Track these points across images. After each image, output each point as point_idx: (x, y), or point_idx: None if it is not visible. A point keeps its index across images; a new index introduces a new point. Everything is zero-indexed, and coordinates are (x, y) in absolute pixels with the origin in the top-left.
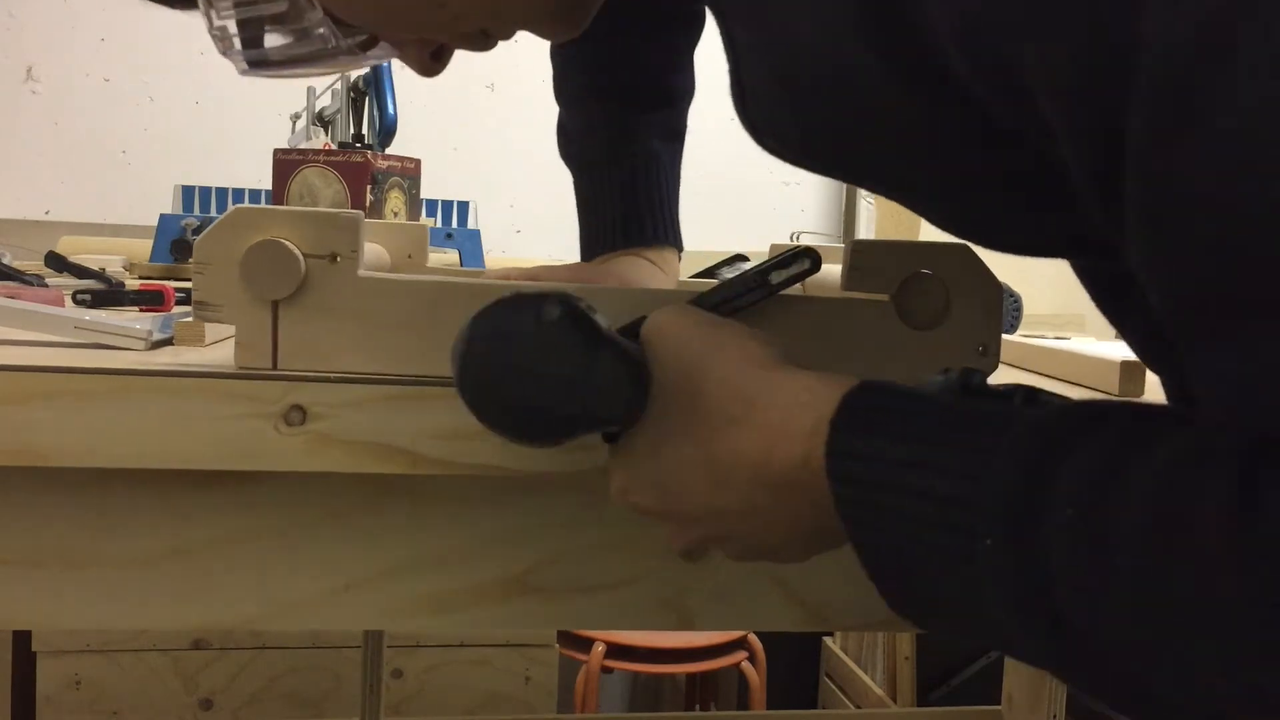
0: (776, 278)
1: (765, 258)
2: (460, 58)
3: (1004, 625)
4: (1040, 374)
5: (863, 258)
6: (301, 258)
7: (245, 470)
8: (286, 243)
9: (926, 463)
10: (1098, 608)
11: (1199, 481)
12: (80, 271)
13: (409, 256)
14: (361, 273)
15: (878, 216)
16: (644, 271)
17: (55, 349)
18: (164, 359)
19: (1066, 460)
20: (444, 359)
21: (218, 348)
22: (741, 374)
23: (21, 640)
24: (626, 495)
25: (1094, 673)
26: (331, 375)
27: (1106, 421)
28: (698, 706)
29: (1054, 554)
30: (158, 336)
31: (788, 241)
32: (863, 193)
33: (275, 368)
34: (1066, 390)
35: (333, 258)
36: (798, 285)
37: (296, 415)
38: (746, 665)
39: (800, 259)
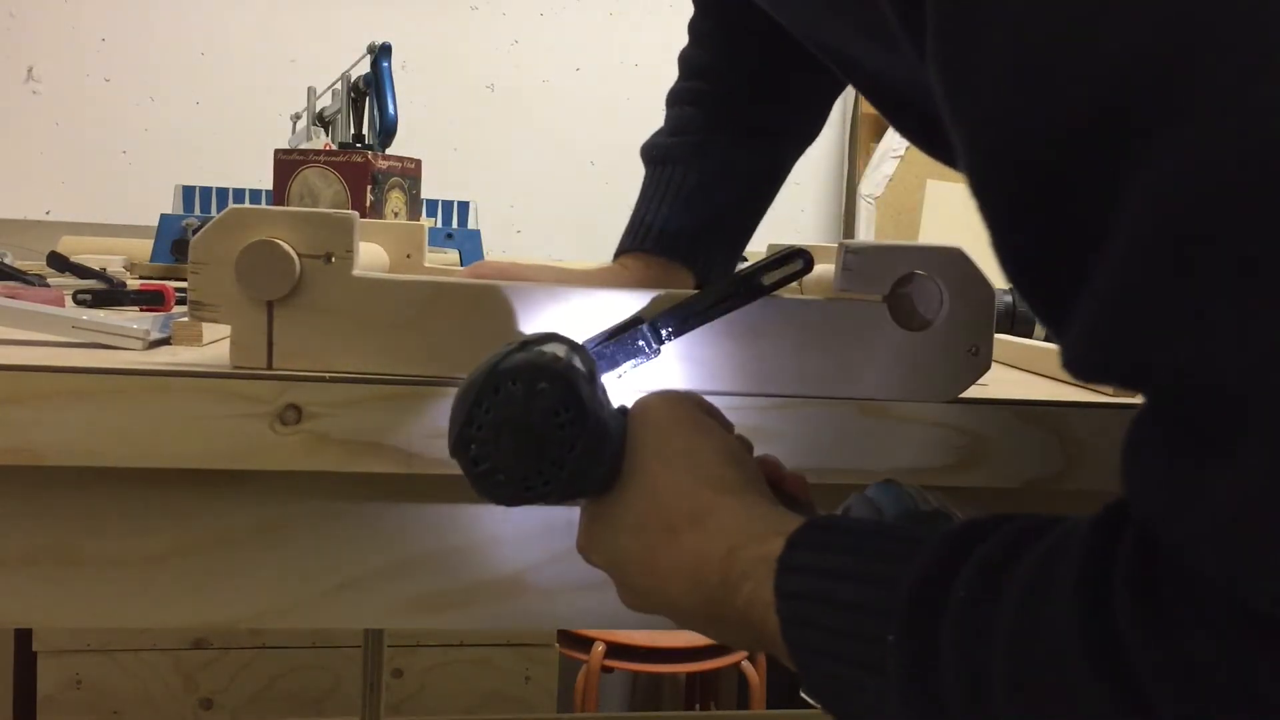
0: (769, 278)
1: (762, 258)
2: (460, 57)
3: None
4: (1036, 374)
5: (855, 259)
6: (296, 258)
7: (241, 469)
8: (281, 243)
9: (858, 574)
10: (975, 688)
11: (1050, 594)
12: (82, 271)
13: (407, 256)
14: (356, 273)
15: (877, 218)
16: (609, 281)
17: (53, 349)
18: (161, 358)
19: (970, 555)
20: (439, 359)
21: (215, 347)
22: (691, 490)
23: (22, 640)
24: (586, 553)
25: None
26: (326, 375)
27: (1012, 520)
28: (698, 706)
29: (943, 638)
30: (156, 336)
31: (787, 242)
32: (862, 192)
33: (270, 367)
34: (1061, 391)
35: (327, 258)
36: (794, 285)
37: (292, 414)
38: (746, 665)
39: (793, 259)
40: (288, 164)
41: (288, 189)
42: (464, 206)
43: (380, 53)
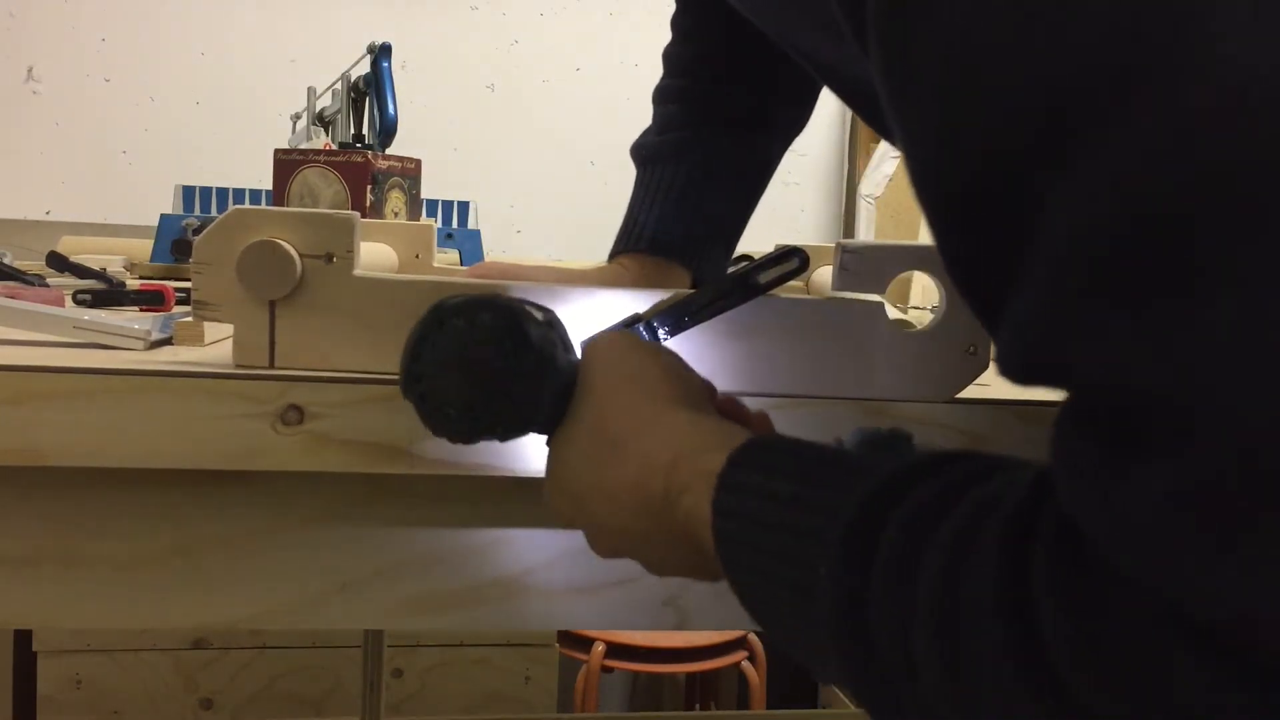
0: (764, 277)
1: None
2: (460, 57)
3: (831, 655)
4: None
5: (853, 259)
6: (298, 258)
7: (243, 470)
8: (283, 243)
9: (799, 499)
10: (901, 633)
11: (974, 552)
12: (81, 271)
13: (416, 256)
14: (357, 272)
15: (877, 218)
16: (609, 281)
17: (55, 349)
18: (163, 359)
19: (909, 495)
20: None
21: (217, 347)
22: (637, 406)
23: (22, 640)
24: (551, 496)
25: (898, 708)
26: (328, 375)
27: (958, 462)
28: (698, 706)
29: (874, 577)
30: (157, 336)
31: (787, 242)
32: (862, 192)
33: (272, 366)
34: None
35: (329, 258)
36: (800, 286)
37: (294, 415)
38: (746, 665)
39: (788, 258)
40: (287, 164)
41: (287, 189)
42: (464, 206)
43: (380, 53)
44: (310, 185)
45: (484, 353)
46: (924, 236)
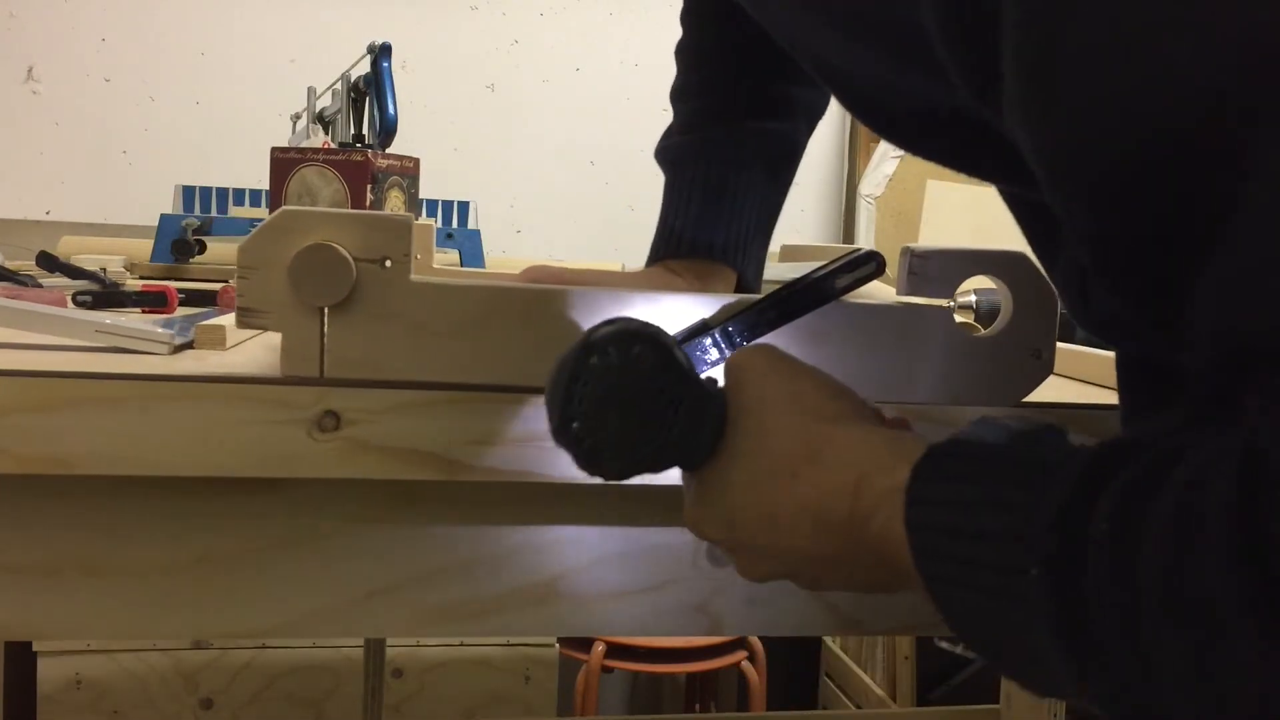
0: (840, 282)
1: (832, 260)
2: (460, 57)
3: (1052, 660)
4: (1069, 378)
5: (921, 263)
6: (353, 262)
7: (276, 477)
8: (337, 247)
9: (994, 503)
10: (1131, 621)
11: (1205, 502)
12: (72, 271)
13: (417, 257)
14: (414, 277)
15: (877, 218)
16: (663, 284)
17: (76, 354)
18: (189, 364)
19: (1110, 483)
20: (497, 366)
21: (241, 351)
22: (805, 429)
23: (21, 640)
24: (698, 526)
25: (1133, 703)
26: (365, 379)
27: (1147, 446)
28: (697, 706)
29: (1090, 571)
30: (178, 340)
31: (788, 242)
32: (862, 192)
33: (322, 377)
34: (1095, 394)
35: (383, 262)
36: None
37: (330, 421)
38: (746, 665)
39: (865, 262)
40: (285, 162)
41: (285, 188)
42: (464, 206)
43: (380, 53)
44: (308, 184)
45: (643, 387)
46: (924, 237)
